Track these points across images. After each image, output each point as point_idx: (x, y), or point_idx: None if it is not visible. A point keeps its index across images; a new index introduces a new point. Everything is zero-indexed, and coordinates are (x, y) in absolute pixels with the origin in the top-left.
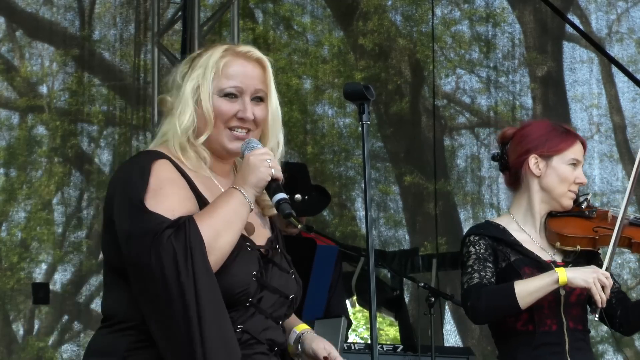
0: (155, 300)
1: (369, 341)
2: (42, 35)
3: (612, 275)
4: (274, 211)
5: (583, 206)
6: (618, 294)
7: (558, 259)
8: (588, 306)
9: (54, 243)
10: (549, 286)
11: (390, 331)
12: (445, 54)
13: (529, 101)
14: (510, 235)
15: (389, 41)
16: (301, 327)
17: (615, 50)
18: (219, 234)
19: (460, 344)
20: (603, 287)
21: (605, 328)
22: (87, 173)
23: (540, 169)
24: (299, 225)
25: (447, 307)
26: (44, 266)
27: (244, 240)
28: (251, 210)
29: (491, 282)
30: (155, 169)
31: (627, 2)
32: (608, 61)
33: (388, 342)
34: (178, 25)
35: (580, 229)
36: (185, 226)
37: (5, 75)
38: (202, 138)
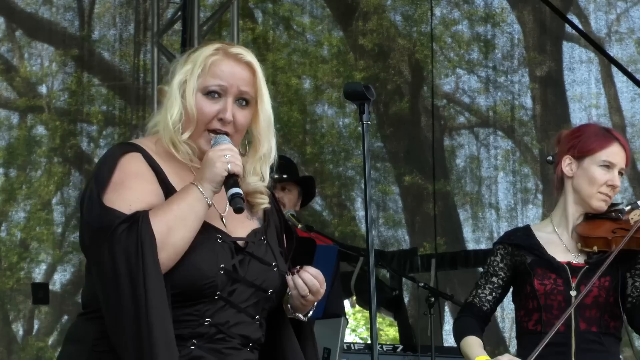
0: (106, 295)
1: (369, 341)
2: (42, 35)
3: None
4: (263, 205)
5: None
6: None
7: (581, 260)
8: None
9: (53, 243)
10: None
11: (390, 331)
12: (444, 54)
13: (528, 101)
14: (533, 237)
15: (389, 41)
16: None
17: (614, 50)
18: (171, 229)
19: None
20: None
21: None
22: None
23: (572, 170)
24: (299, 225)
25: (446, 307)
26: (43, 266)
27: (215, 232)
28: (209, 206)
29: (487, 300)
30: (121, 163)
31: (626, 2)
32: (607, 61)
33: (388, 342)
34: (178, 25)
35: (600, 230)
36: (139, 221)
37: (5, 75)
38: (186, 135)
